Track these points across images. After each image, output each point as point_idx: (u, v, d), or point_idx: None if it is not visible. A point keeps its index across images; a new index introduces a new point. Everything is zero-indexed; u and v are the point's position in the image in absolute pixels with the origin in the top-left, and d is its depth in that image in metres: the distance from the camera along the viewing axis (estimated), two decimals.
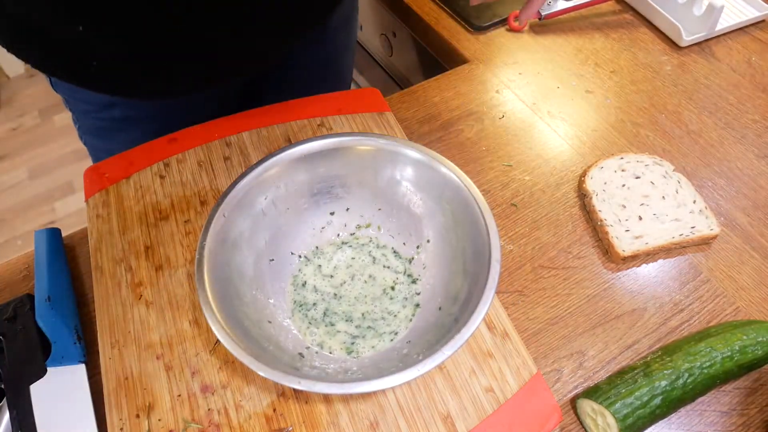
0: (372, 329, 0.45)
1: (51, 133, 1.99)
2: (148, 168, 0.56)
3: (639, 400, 0.41)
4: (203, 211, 0.52)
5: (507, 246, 0.55)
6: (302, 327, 0.45)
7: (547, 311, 0.50)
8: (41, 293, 0.48)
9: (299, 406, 0.42)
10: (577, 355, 0.47)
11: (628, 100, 0.69)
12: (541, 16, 0.77)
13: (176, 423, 0.41)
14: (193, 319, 0.46)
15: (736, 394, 0.45)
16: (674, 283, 0.52)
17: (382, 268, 0.49)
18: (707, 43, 0.75)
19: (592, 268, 0.53)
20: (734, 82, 0.70)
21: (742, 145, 0.63)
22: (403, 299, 0.47)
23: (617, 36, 0.77)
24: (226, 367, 0.43)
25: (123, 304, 0.47)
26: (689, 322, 0.49)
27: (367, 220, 0.50)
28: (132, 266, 0.49)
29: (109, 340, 0.45)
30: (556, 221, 0.56)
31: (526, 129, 0.65)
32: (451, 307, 0.42)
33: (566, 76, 0.72)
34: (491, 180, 0.60)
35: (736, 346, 0.43)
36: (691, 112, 0.67)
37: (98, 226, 0.52)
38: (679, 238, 0.53)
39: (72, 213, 1.76)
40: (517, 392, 0.42)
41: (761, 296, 0.51)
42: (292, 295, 0.47)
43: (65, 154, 1.93)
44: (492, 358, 0.43)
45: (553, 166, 0.61)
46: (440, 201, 0.46)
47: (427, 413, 0.41)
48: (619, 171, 0.58)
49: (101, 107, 0.61)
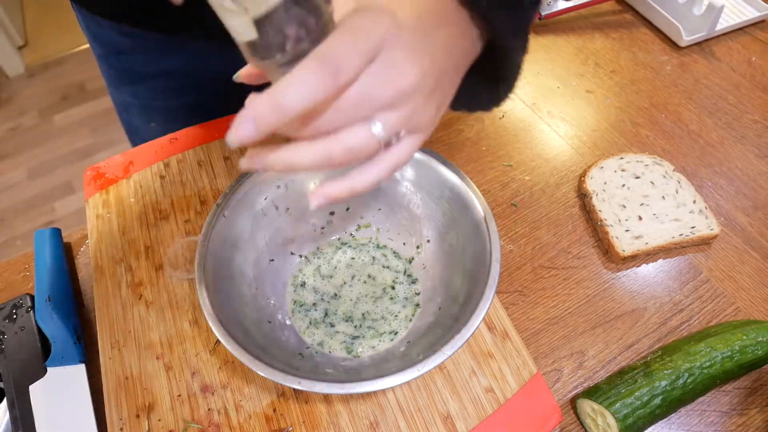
0: (372, 329, 0.45)
1: (51, 133, 1.99)
2: (148, 168, 0.56)
3: (639, 400, 0.41)
4: (203, 211, 0.52)
5: (507, 246, 0.55)
6: (302, 327, 0.45)
7: (547, 311, 0.50)
8: (41, 293, 0.48)
9: (299, 406, 0.42)
10: (577, 355, 0.47)
11: (628, 100, 0.69)
12: (541, 16, 0.77)
13: (176, 423, 0.41)
14: (193, 319, 0.46)
15: (736, 394, 0.45)
16: (674, 283, 0.52)
17: (381, 269, 0.49)
18: (707, 43, 0.75)
19: (592, 268, 0.53)
20: (734, 82, 0.70)
21: (742, 145, 0.63)
22: (403, 299, 0.47)
23: (617, 36, 0.77)
24: (226, 367, 0.43)
25: (123, 304, 0.47)
26: (689, 322, 0.49)
27: (367, 220, 0.50)
28: (132, 266, 0.49)
29: (109, 340, 0.45)
30: (556, 221, 0.56)
31: (526, 129, 0.65)
32: (451, 307, 0.42)
33: (566, 76, 0.72)
34: (491, 180, 0.60)
35: (736, 346, 0.43)
36: (691, 112, 0.67)
37: (98, 226, 0.52)
38: (679, 238, 0.53)
39: (72, 213, 1.76)
40: (517, 392, 0.42)
41: (761, 296, 0.51)
42: (292, 295, 0.47)
43: (65, 154, 1.93)
44: (492, 358, 0.43)
45: (553, 166, 0.61)
46: (440, 201, 0.46)
47: (427, 413, 0.41)
48: (619, 171, 0.58)
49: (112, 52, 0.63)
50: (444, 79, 0.32)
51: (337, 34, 0.25)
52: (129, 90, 0.66)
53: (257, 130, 0.25)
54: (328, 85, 0.25)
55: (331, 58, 0.25)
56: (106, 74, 0.67)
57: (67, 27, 2.35)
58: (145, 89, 0.64)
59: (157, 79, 0.63)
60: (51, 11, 2.47)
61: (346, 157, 0.29)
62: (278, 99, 0.24)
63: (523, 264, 0.53)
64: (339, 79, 0.25)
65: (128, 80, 0.65)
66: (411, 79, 0.28)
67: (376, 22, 0.26)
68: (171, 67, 0.61)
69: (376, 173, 0.31)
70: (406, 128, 0.31)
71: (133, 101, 0.67)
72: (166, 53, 0.60)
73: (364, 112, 0.28)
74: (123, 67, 0.63)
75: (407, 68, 0.28)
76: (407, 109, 0.29)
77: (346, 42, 0.25)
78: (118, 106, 0.71)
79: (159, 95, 0.65)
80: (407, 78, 0.28)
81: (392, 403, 0.42)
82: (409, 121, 0.30)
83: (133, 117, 0.69)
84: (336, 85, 0.25)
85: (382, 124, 0.29)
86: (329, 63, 0.25)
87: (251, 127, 0.24)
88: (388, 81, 0.27)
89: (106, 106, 2.03)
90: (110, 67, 0.65)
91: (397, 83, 0.28)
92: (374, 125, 0.29)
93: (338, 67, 0.25)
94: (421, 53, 0.29)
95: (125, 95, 0.67)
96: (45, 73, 2.20)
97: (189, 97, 0.65)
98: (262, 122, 0.24)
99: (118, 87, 0.67)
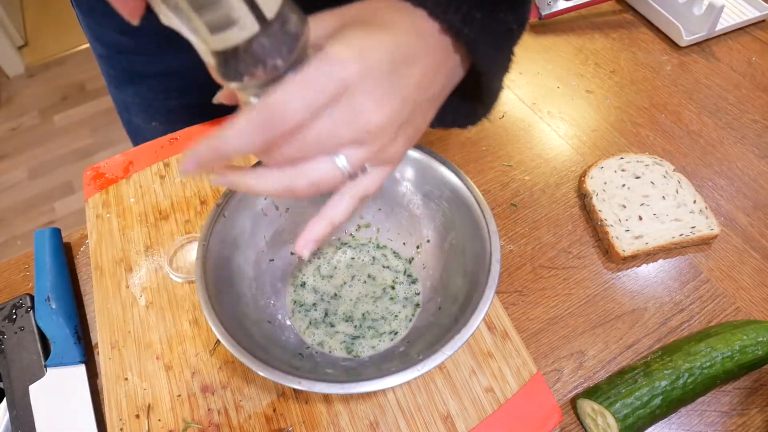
0: (372, 329, 0.45)
1: (51, 133, 1.99)
2: (148, 168, 0.56)
3: (639, 400, 0.41)
4: (203, 211, 0.52)
5: (507, 246, 0.55)
6: (302, 327, 0.45)
7: (547, 311, 0.50)
8: (41, 293, 0.48)
9: (299, 406, 0.42)
10: (577, 355, 0.47)
11: (628, 100, 0.69)
12: (541, 16, 0.77)
13: (176, 423, 0.41)
14: (193, 319, 0.46)
15: (736, 394, 0.45)
16: (674, 283, 0.52)
17: (381, 269, 0.49)
18: (707, 43, 0.75)
19: (593, 268, 0.53)
20: (734, 82, 0.70)
21: (743, 145, 0.63)
22: (403, 299, 0.47)
23: (617, 36, 0.77)
24: (226, 367, 0.43)
25: (123, 304, 0.47)
26: (689, 322, 0.49)
27: (367, 220, 0.50)
28: (132, 266, 0.49)
29: (109, 340, 0.45)
30: (556, 221, 0.56)
31: (526, 129, 0.65)
32: (451, 307, 0.42)
33: (566, 76, 0.72)
34: (491, 180, 0.60)
35: (737, 346, 0.43)
36: (692, 112, 0.67)
37: (98, 226, 0.52)
38: (679, 238, 0.53)
39: (72, 213, 1.76)
40: (517, 392, 0.42)
41: (761, 296, 0.51)
42: (292, 295, 0.47)
43: (65, 154, 1.93)
44: (492, 358, 0.43)
45: (553, 166, 0.61)
46: (440, 201, 0.46)
47: (427, 413, 0.41)
48: (619, 171, 0.58)
49: (112, 52, 0.63)
50: (416, 113, 0.32)
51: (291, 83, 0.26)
52: (130, 90, 0.66)
53: (198, 167, 0.28)
54: (268, 136, 0.26)
55: (272, 110, 0.26)
56: (106, 74, 0.67)
57: (67, 27, 2.35)
58: (146, 89, 0.64)
59: (158, 78, 0.63)
60: (51, 11, 2.47)
61: (309, 188, 0.30)
62: (217, 143, 0.27)
63: (523, 264, 0.53)
64: (280, 128, 0.26)
65: (129, 80, 0.65)
66: (375, 122, 0.28)
67: (338, 69, 0.26)
68: (172, 66, 0.61)
69: (346, 205, 0.32)
70: (373, 162, 0.32)
71: (134, 101, 0.67)
72: (167, 53, 0.60)
73: (327, 149, 0.29)
74: (124, 66, 0.63)
75: (371, 111, 0.28)
76: (373, 145, 0.30)
77: (296, 92, 0.26)
78: (118, 106, 0.71)
79: (160, 95, 0.65)
80: (371, 120, 0.28)
81: (392, 403, 0.42)
82: (375, 156, 0.31)
83: (134, 117, 0.69)
84: (276, 135, 0.26)
85: (347, 158, 0.29)
86: (269, 115, 0.26)
87: (193, 164, 0.27)
88: (350, 123, 0.28)
89: (106, 106, 2.04)
90: (111, 67, 0.65)
91: (359, 125, 0.28)
92: (338, 158, 0.29)
93: (279, 119, 0.26)
94: (390, 95, 0.29)
95: (126, 95, 0.67)
96: (45, 73, 2.20)
97: (190, 97, 0.65)
98: (202, 161, 0.27)
99: (119, 87, 0.67)
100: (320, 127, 0.27)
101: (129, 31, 0.59)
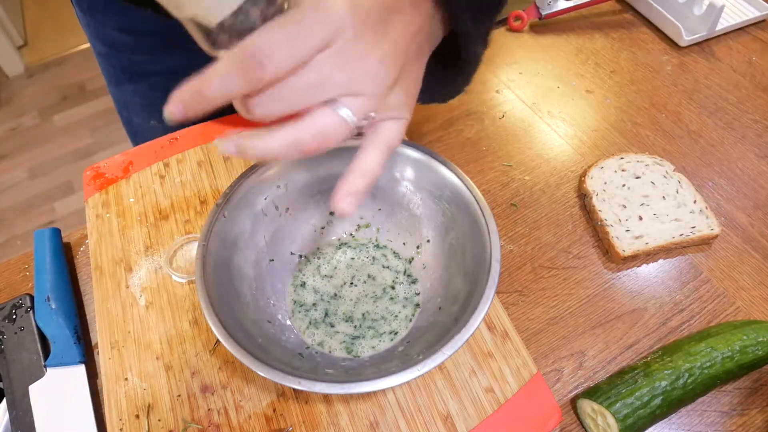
0: (372, 329, 0.45)
1: (51, 133, 1.99)
2: (148, 168, 0.55)
3: (639, 401, 0.41)
4: (203, 211, 0.52)
5: (507, 246, 0.55)
6: (302, 327, 0.45)
7: (547, 311, 0.50)
8: (41, 293, 0.48)
9: (299, 406, 0.42)
10: (578, 355, 0.47)
11: (628, 100, 0.69)
12: (541, 16, 0.77)
13: (176, 423, 0.41)
14: (193, 319, 0.46)
15: (736, 394, 0.45)
16: (674, 283, 0.52)
17: (381, 269, 0.49)
18: (707, 43, 0.75)
19: (593, 268, 0.53)
20: (735, 81, 0.70)
21: (743, 145, 0.63)
22: (403, 299, 0.47)
23: (617, 36, 0.77)
24: (226, 367, 0.43)
25: (123, 304, 0.47)
26: (689, 322, 0.49)
27: (367, 220, 0.50)
28: (132, 266, 0.49)
29: (109, 340, 0.45)
30: (556, 221, 0.56)
31: (526, 129, 0.65)
32: (451, 307, 0.42)
33: (566, 76, 0.72)
34: (491, 180, 0.60)
35: (737, 346, 0.43)
36: (692, 112, 0.67)
37: (98, 226, 0.51)
38: (679, 238, 0.53)
39: (72, 213, 1.76)
40: (517, 392, 0.42)
41: (761, 296, 0.51)
42: (292, 295, 0.47)
43: (65, 154, 1.93)
44: (492, 358, 0.43)
45: (553, 166, 0.61)
46: (440, 201, 0.46)
47: (427, 413, 0.41)
48: (619, 171, 0.58)
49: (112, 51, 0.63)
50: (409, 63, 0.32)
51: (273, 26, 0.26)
52: (130, 88, 0.66)
53: (185, 113, 0.27)
54: (250, 79, 0.26)
55: (253, 53, 0.25)
56: (106, 72, 0.67)
57: (66, 27, 2.35)
58: (146, 87, 0.64)
59: (158, 77, 0.63)
60: (51, 11, 2.47)
61: (315, 140, 0.29)
62: (200, 87, 0.26)
63: (523, 264, 0.53)
64: (263, 72, 0.26)
65: (129, 78, 0.65)
66: (369, 65, 0.29)
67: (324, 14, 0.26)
68: (172, 65, 0.61)
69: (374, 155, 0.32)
70: (379, 114, 0.31)
71: (134, 100, 0.67)
72: (167, 51, 0.60)
73: (322, 95, 0.28)
74: (124, 65, 0.63)
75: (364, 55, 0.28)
76: (372, 93, 0.30)
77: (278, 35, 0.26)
78: (118, 105, 0.71)
79: (160, 93, 0.64)
80: (365, 64, 0.28)
81: (392, 403, 0.42)
82: (378, 105, 0.30)
83: (134, 115, 0.69)
84: (260, 78, 0.26)
85: (349, 107, 0.29)
86: (250, 57, 0.25)
87: (178, 107, 0.27)
88: (343, 67, 0.28)
89: (106, 106, 2.04)
90: (111, 66, 0.65)
91: (353, 69, 0.28)
92: (341, 109, 0.29)
93: (261, 62, 0.25)
94: (381, 40, 0.29)
95: (126, 93, 0.67)
96: (45, 73, 2.20)
97: None
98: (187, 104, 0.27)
99: (119, 85, 0.67)
100: (313, 72, 0.27)
101: (129, 30, 0.59)
